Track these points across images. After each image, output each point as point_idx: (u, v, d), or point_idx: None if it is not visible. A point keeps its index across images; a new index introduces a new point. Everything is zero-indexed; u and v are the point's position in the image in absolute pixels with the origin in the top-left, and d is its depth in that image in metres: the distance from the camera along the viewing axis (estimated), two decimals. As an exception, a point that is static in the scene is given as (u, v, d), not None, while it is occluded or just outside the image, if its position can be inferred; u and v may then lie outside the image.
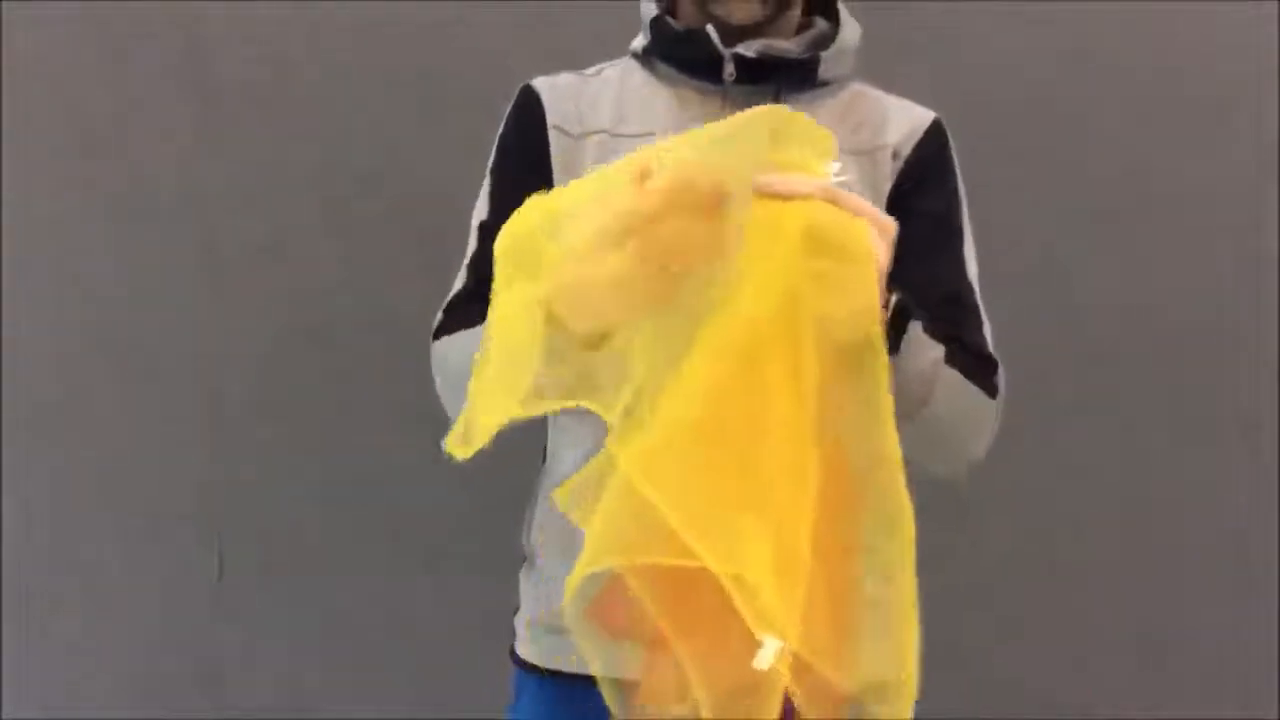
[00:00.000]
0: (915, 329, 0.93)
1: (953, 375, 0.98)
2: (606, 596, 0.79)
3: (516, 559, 1.20)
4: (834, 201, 0.79)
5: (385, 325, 1.85)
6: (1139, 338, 1.88)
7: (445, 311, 1.11)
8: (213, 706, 1.89)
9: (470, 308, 1.03)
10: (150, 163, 1.81)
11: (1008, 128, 1.83)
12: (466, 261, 1.14)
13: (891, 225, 0.82)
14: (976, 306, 1.10)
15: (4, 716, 1.86)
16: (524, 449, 1.06)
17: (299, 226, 1.83)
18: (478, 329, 0.91)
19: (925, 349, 0.95)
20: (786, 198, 0.78)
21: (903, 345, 0.92)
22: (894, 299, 0.89)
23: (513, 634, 1.20)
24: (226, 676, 1.89)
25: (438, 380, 1.09)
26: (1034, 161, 1.85)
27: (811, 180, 0.79)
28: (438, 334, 1.09)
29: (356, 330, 1.86)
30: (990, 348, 1.09)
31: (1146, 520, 1.92)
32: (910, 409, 0.96)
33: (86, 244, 1.82)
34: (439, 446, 0.82)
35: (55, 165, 1.80)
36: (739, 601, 0.70)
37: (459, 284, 1.13)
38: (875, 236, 0.80)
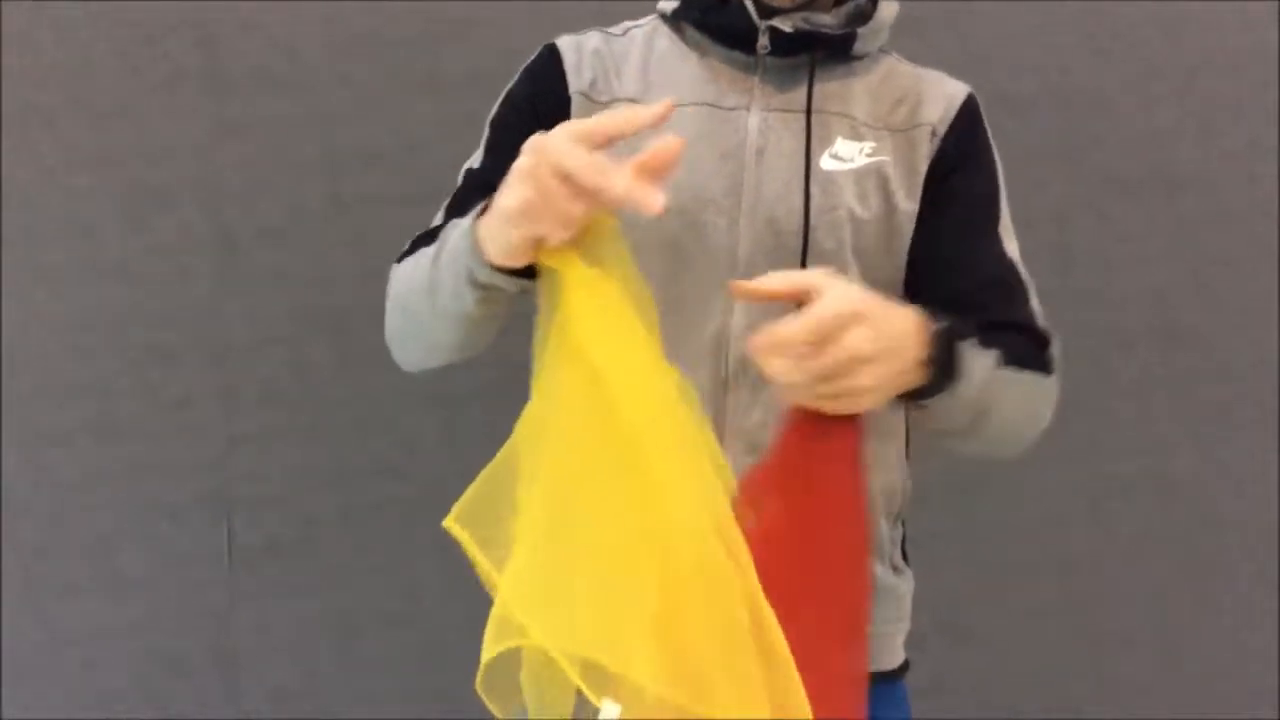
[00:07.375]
0: (965, 348, 0.92)
1: (1008, 375, 0.98)
2: None
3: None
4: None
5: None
6: (1156, 324, 1.86)
7: (412, 243, 1.12)
8: (227, 690, 1.90)
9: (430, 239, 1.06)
10: (162, 148, 1.81)
11: (1022, 111, 1.81)
12: (446, 204, 1.14)
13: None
14: (1022, 281, 1.09)
15: (11, 700, 1.87)
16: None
17: (310, 210, 1.83)
18: (420, 252, 1.03)
19: (979, 363, 0.94)
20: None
21: (957, 369, 0.91)
22: (934, 330, 0.88)
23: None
24: (241, 661, 1.89)
25: (388, 302, 1.12)
26: (1048, 145, 1.83)
27: None
28: (399, 260, 1.11)
29: (368, 314, 1.84)
30: (1040, 320, 1.08)
31: (1164, 510, 1.89)
32: (972, 424, 0.98)
33: (98, 229, 1.82)
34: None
35: (66, 152, 1.80)
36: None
37: (435, 222, 1.13)
38: None
